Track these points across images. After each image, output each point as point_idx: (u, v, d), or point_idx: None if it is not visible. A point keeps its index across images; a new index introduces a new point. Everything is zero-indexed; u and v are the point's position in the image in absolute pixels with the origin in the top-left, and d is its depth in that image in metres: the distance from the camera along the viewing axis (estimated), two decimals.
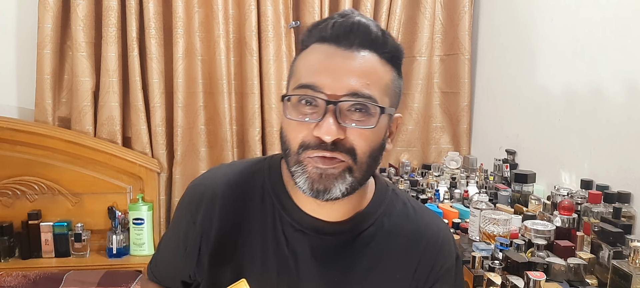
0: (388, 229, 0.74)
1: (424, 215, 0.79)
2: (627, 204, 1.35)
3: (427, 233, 0.76)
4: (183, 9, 2.13)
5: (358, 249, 0.73)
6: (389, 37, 0.68)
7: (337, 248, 0.72)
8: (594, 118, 1.53)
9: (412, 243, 0.74)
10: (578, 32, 1.63)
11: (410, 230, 0.75)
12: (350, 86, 0.63)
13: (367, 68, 0.65)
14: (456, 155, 2.29)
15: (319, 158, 0.64)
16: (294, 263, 0.72)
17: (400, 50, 0.70)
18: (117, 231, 2.05)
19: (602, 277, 1.16)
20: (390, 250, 0.74)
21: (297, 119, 0.65)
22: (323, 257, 0.72)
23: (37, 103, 2.07)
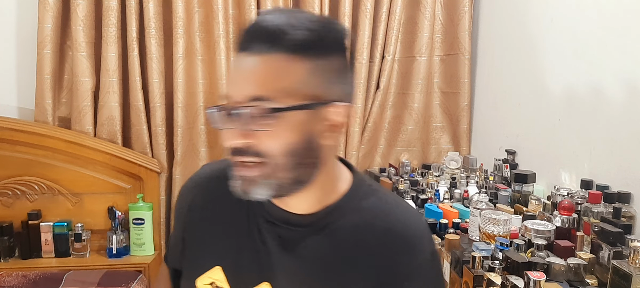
0: (357, 223, 0.73)
1: (397, 210, 0.77)
2: (627, 204, 1.36)
3: (397, 228, 0.73)
4: (183, 9, 2.13)
5: (326, 241, 0.73)
6: (300, 29, 0.64)
7: (305, 239, 0.73)
8: (594, 118, 1.53)
9: (380, 238, 0.73)
10: (578, 32, 1.63)
11: (380, 225, 0.73)
12: (247, 92, 0.64)
13: (265, 69, 0.64)
14: (456, 155, 2.29)
15: (240, 162, 0.67)
16: (265, 253, 0.74)
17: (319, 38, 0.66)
18: (117, 231, 2.05)
19: (602, 277, 1.16)
20: (358, 243, 0.73)
21: (220, 127, 0.68)
22: (292, 248, 0.74)
23: (37, 103, 2.07)
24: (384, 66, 2.31)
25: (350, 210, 0.74)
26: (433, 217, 1.62)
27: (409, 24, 2.35)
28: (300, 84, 0.65)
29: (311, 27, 0.65)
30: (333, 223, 0.73)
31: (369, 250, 0.72)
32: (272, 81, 0.64)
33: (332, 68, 0.68)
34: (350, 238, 0.73)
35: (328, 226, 0.73)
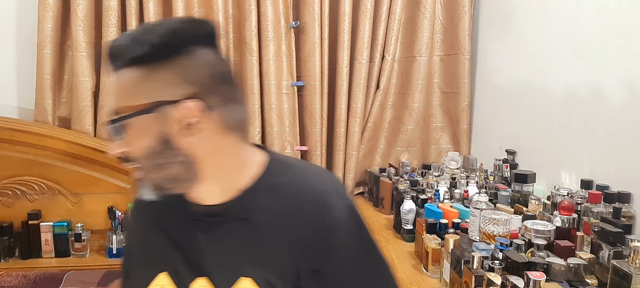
0: (273, 199, 0.78)
1: (309, 178, 0.81)
2: (627, 204, 1.35)
3: (310, 194, 0.78)
4: (183, 9, 2.13)
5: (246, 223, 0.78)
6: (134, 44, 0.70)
7: (226, 226, 0.79)
8: (594, 118, 1.53)
9: (295, 207, 0.77)
10: (578, 32, 1.63)
11: (294, 196, 0.78)
12: (109, 108, 0.74)
13: (115, 86, 0.74)
14: (456, 155, 2.29)
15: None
16: (196, 249, 0.80)
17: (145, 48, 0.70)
18: (117, 231, 2.05)
19: (602, 277, 1.16)
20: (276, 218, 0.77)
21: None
22: (217, 238, 0.79)
23: (37, 103, 2.07)
24: (384, 66, 2.31)
25: (264, 190, 0.78)
26: (433, 217, 1.62)
27: (409, 24, 2.35)
28: (132, 94, 0.71)
29: (151, 38, 0.70)
30: (249, 205, 0.78)
31: (287, 221, 0.77)
32: (117, 96, 0.73)
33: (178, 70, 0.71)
34: (268, 215, 0.77)
35: (245, 209, 0.78)
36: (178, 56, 0.71)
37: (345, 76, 2.27)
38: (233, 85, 0.78)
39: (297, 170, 0.83)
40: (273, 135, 2.26)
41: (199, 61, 0.73)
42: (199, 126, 0.72)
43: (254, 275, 0.77)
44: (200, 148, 0.74)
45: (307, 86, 2.29)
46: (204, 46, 0.74)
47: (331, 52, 2.29)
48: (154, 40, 0.70)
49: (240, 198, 0.78)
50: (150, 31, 0.71)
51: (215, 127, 0.74)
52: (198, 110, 0.71)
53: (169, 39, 0.71)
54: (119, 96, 0.73)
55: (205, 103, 0.72)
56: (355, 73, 2.29)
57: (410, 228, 1.75)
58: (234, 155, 0.78)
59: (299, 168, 0.84)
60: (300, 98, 2.32)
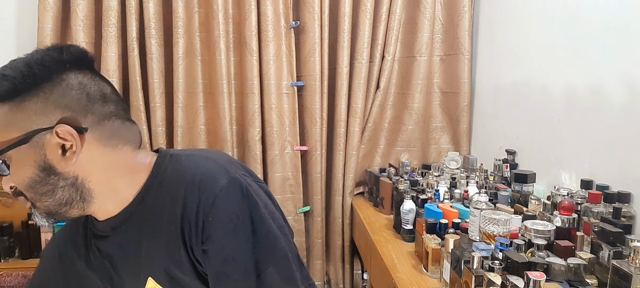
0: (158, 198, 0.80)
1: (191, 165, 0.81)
2: (627, 204, 1.35)
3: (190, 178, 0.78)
4: (183, 9, 2.13)
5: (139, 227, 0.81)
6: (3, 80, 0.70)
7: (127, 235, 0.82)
8: (594, 118, 1.53)
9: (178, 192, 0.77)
10: (578, 32, 1.63)
11: (178, 184, 0.78)
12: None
13: None
14: (456, 155, 2.29)
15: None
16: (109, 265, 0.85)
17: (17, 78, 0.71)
18: None
19: (602, 277, 1.16)
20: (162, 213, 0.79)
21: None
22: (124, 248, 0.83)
23: None
24: (384, 66, 2.31)
25: (152, 188, 0.81)
26: (433, 217, 1.62)
27: (409, 24, 2.35)
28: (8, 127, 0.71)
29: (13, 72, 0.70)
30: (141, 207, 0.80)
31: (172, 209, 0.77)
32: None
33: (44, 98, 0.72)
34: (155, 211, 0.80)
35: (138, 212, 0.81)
36: (44, 84, 0.72)
37: (345, 76, 2.27)
38: (111, 102, 0.79)
39: (182, 159, 0.83)
40: (273, 135, 2.26)
41: (68, 85, 0.74)
42: (74, 149, 0.74)
43: (156, 274, 0.80)
44: (83, 169, 0.76)
45: (307, 86, 2.29)
46: (73, 70, 0.75)
47: (331, 52, 2.29)
48: (14, 74, 0.70)
49: (132, 204, 0.81)
50: (10, 67, 0.71)
51: (95, 146, 0.76)
52: (71, 133, 0.72)
53: (29, 70, 0.71)
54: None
55: (80, 124, 0.74)
56: (355, 73, 2.29)
57: (410, 228, 1.75)
58: (120, 167, 0.80)
59: (185, 156, 0.84)
60: (300, 98, 2.32)
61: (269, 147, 2.28)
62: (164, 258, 0.78)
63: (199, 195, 0.76)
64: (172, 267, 0.78)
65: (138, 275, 0.81)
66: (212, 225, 0.75)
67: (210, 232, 0.75)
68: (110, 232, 0.83)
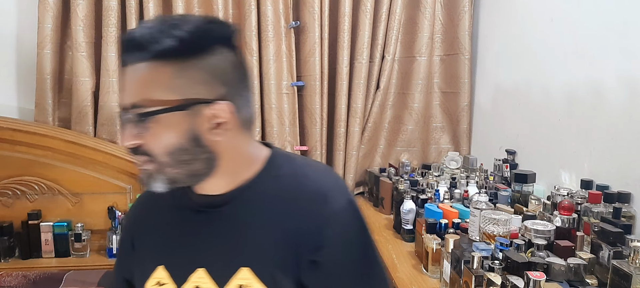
0: (273, 190, 0.79)
1: (310, 171, 0.83)
2: (627, 204, 1.35)
3: (309, 185, 0.79)
4: (183, 9, 2.13)
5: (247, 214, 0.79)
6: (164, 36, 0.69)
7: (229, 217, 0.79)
8: (594, 118, 1.53)
9: (297, 198, 0.78)
10: (578, 32, 1.63)
11: (294, 187, 0.79)
12: (128, 99, 0.72)
13: (136, 79, 0.71)
14: (456, 155, 2.29)
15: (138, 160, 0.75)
16: (196, 240, 0.81)
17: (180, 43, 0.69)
18: (117, 231, 2.05)
19: (602, 277, 1.16)
20: (278, 209, 0.78)
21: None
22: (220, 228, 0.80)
23: (37, 103, 2.07)
24: (384, 66, 2.31)
25: (266, 181, 0.80)
26: (433, 217, 1.62)
27: (409, 24, 2.35)
28: (165, 89, 0.70)
29: (180, 33, 0.69)
30: (251, 196, 0.79)
31: (287, 212, 0.77)
32: (140, 89, 0.71)
33: (208, 69, 0.72)
34: (268, 205, 0.78)
35: (246, 199, 0.79)
36: (205, 55, 0.72)
37: (345, 76, 2.27)
38: (250, 86, 0.81)
39: (298, 164, 0.84)
40: (273, 135, 2.26)
41: (230, 62, 0.75)
42: (227, 126, 0.74)
43: (253, 265, 0.77)
44: (222, 146, 0.76)
45: (307, 86, 2.29)
46: (226, 47, 0.75)
47: (331, 52, 2.29)
48: (183, 35, 0.69)
49: (242, 189, 0.79)
50: (177, 26, 0.70)
51: (236, 127, 0.76)
52: (229, 111, 0.74)
53: (198, 35, 0.71)
54: (145, 89, 0.70)
55: (234, 104, 0.75)
56: (355, 73, 2.29)
57: (410, 228, 1.75)
58: (245, 151, 0.80)
59: (301, 162, 0.85)
60: (300, 98, 2.32)
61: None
62: (266, 256, 0.77)
63: (320, 208, 0.76)
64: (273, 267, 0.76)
65: (228, 261, 0.78)
66: (329, 239, 0.75)
67: (325, 245, 0.75)
68: (208, 209, 0.80)
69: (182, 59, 0.70)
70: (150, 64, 0.70)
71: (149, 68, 0.70)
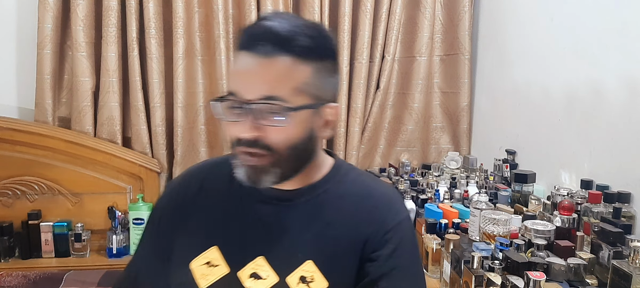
0: (341, 193, 0.84)
1: (374, 181, 0.90)
2: (627, 204, 1.35)
3: (377, 193, 0.85)
4: (183, 9, 2.13)
5: (315, 211, 0.82)
6: (303, 36, 0.72)
7: (297, 212, 0.82)
8: (594, 118, 1.53)
9: (363, 202, 0.83)
10: (578, 32, 1.63)
11: (361, 193, 0.85)
12: (260, 90, 0.71)
13: (276, 71, 0.71)
14: (456, 155, 2.29)
15: (246, 153, 0.74)
16: (258, 230, 0.82)
17: (318, 44, 0.74)
18: (117, 231, 2.05)
19: (602, 277, 1.16)
20: (344, 210, 0.82)
21: (226, 120, 0.76)
22: (286, 221, 0.82)
23: (37, 103, 2.07)
24: (384, 66, 2.31)
25: (333, 184, 0.84)
26: (433, 217, 1.62)
27: (409, 24, 2.35)
28: (306, 85, 0.73)
29: (311, 33, 0.73)
30: (318, 195, 0.83)
31: (352, 211, 0.82)
32: (283, 82, 0.72)
33: (327, 71, 0.77)
34: (335, 205, 0.82)
35: (313, 198, 0.83)
36: (332, 60, 0.78)
37: (345, 76, 2.27)
38: None
39: (362, 173, 0.91)
40: None
41: (339, 70, 0.82)
42: (332, 125, 0.81)
43: (316, 259, 0.79)
44: (319, 146, 0.83)
45: None
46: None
47: None
48: (322, 39, 0.75)
49: (311, 188, 0.83)
50: (314, 29, 0.75)
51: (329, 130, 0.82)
52: (337, 112, 0.81)
53: (331, 42, 0.78)
54: (286, 83, 0.72)
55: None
56: (355, 73, 2.29)
57: None
58: (321, 154, 0.86)
59: (363, 172, 0.92)
60: None
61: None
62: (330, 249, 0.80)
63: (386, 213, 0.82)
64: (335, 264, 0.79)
65: (293, 253, 0.80)
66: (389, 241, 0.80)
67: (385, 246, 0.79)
68: (277, 202, 0.83)
69: (319, 60, 0.74)
70: (293, 59, 0.72)
71: (291, 64, 0.72)
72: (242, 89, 0.72)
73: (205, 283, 0.80)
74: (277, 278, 0.78)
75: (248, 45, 0.72)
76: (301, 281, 0.78)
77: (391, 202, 0.84)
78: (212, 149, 2.27)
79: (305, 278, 0.78)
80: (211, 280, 0.80)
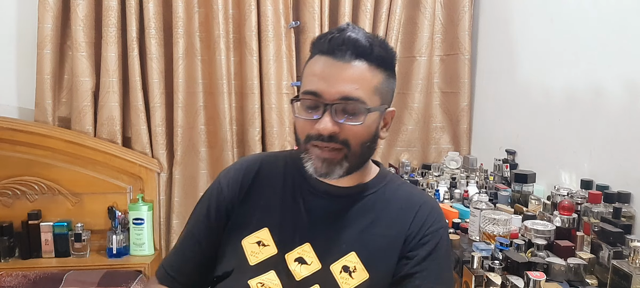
0: (387, 196, 0.92)
1: (417, 190, 1.01)
2: (627, 204, 1.35)
3: (420, 200, 0.92)
4: (183, 9, 2.13)
5: (362, 209, 0.90)
6: (377, 46, 0.83)
7: (345, 208, 0.89)
8: (594, 118, 1.53)
9: (407, 206, 0.90)
10: (578, 32, 1.63)
11: (405, 197, 0.92)
12: (342, 91, 0.80)
13: (356, 75, 0.81)
14: (456, 155, 2.29)
15: (320, 149, 0.82)
16: (308, 219, 0.89)
17: (389, 55, 0.86)
18: (117, 231, 2.05)
19: (602, 277, 1.16)
20: (388, 210, 0.90)
21: (304, 118, 0.84)
22: (334, 215, 0.89)
23: (37, 103, 2.07)
24: None
25: (381, 187, 0.92)
26: None
27: (409, 24, 2.35)
28: (379, 90, 0.84)
29: (383, 45, 0.85)
30: (368, 196, 0.91)
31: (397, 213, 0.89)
32: (364, 85, 0.82)
33: (392, 78, 0.88)
34: (381, 206, 0.90)
35: (365, 198, 0.90)
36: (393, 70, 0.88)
37: None
38: None
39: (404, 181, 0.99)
40: (273, 135, 2.26)
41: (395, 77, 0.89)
42: (388, 127, 0.91)
43: (360, 251, 0.86)
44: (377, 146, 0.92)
45: None
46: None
47: None
48: (392, 51, 0.87)
49: (362, 188, 0.91)
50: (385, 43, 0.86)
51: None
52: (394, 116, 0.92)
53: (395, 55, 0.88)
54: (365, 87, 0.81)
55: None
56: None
57: None
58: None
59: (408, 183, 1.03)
60: None
61: (269, 147, 2.27)
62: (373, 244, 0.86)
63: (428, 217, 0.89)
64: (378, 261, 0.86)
65: (339, 244, 0.86)
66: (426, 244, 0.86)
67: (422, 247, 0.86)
68: (331, 196, 0.90)
69: (388, 68, 0.86)
70: (370, 67, 0.82)
71: (369, 70, 0.82)
72: (323, 90, 0.80)
73: (254, 260, 0.87)
74: (320, 265, 0.86)
75: (329, 50, 0.82)
76: (344, 270, 0.85)
77: (433, 210, 0.91)
78: (212, 149, 2.27)
79: (348, 268, 0.85)
80: (260, 258, 0.87)
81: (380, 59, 0.83)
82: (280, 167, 0.96)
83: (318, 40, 0.85)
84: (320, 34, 0.87)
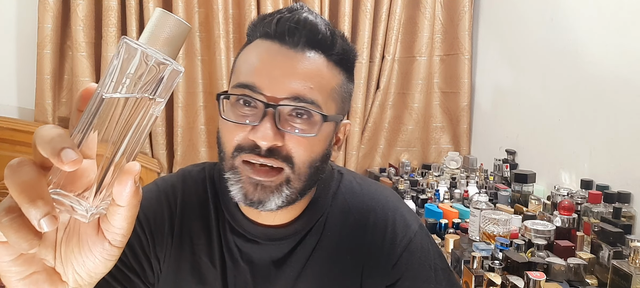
0: (338, 213, 0.71)
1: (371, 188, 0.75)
2: (627, 204, 1.36)
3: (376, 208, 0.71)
4: (183, 9, 2.13)
5: (313, 243, 0.69)
6: (339, 38, 0.63)
7: (293, 249, 0.68)
8: (594, 118, 1.53)
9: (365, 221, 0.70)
10: (578, 32, 1.63)
11: (357, 208, 0.71)
12: (292, 89, 0.58)
13: (311, 70, 0.59)
14: (456, 155, 2.29)
15: (253, 167, 0.59)
16: (251, 273, 0.68)
17: (351, 52, 0.65)
18: None
19: (602, 277, 1.16)
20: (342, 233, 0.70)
21: (233, 121, 0.59)
22: (281, 262, 0.68)
23: (37, 103, 2.07)
24: (384, 66, 2.31)
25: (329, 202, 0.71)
26: (433, 217, 1.62)
27: (409, 24, 2.35)
28: (337, 94, 0.63)
29: (345, 39, 0.64)
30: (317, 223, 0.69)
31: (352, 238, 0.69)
32: (321, 85, 0.60)
33: (350, 83, 0.67)
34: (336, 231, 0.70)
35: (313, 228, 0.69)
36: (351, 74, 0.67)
37: None
38: None
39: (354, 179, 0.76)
40: None
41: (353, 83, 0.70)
42: (340, 144, 0.69)
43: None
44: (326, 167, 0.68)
45: None
46: None
47: None
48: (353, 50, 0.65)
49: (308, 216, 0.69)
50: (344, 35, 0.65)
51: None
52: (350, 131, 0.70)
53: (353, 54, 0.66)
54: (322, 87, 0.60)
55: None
56: (355, 73, 2.28)
57: None
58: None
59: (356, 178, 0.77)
60: None
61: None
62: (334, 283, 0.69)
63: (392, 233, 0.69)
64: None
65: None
66: (408, 268, 0.68)
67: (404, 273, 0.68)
68: (264, 240, 0.67)
69: (349, 71, 0.66)
70: (329, 63, 0.61)
71: (327, 67, 0.61)
72: (266, 84, 0.58)
73: None
74: None
75: (278, 34, 0.60)
76: None
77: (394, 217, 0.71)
78: (212, 149, 2.27)
79: None
80: None
81: (341, 55, 0.62)
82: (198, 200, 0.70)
83: (260, 20, 0.62)
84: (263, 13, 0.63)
